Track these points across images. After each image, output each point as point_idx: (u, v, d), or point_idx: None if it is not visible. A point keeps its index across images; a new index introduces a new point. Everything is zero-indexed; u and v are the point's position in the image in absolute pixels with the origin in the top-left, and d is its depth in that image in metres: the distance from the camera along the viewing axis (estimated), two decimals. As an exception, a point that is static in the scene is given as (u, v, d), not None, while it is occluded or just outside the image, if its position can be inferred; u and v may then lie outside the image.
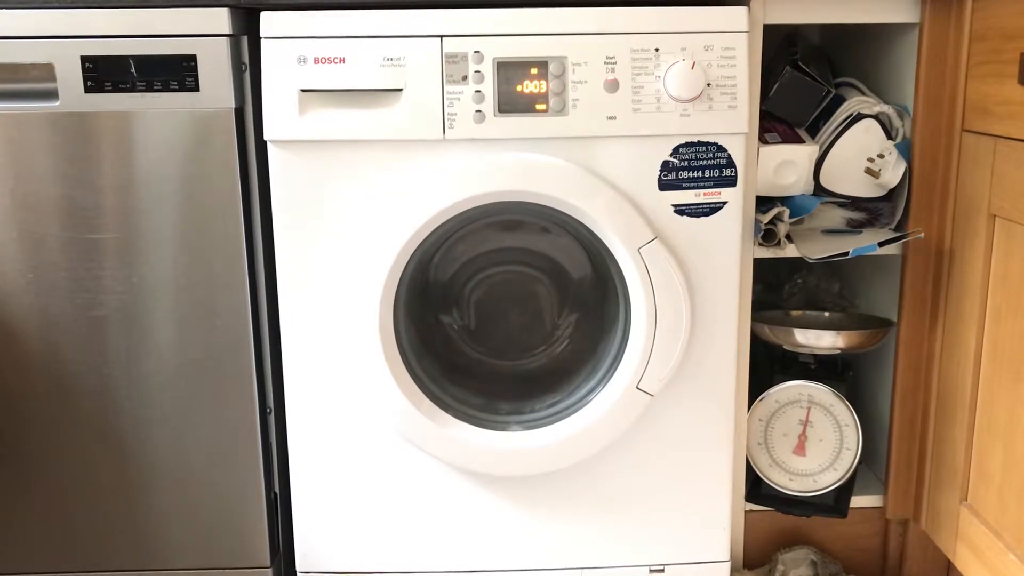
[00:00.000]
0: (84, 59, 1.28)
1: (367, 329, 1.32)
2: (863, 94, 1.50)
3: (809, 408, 1.49)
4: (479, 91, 1.28)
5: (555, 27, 1.28)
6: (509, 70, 1.28)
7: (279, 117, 1.28)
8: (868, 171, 1.45)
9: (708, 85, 1.29)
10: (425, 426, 1.36)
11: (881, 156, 1.44)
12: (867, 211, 1.50)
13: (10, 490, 1.42)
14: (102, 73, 1.28)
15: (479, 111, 1.28)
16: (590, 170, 1.31)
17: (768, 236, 1.43)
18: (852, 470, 1.49)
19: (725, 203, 1.34)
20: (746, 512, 1.55)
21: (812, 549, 1.55)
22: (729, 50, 1.29)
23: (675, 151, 1.32)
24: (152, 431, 1.40)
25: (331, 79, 1.27)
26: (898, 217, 1.47)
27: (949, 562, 1.55)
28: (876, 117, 1.45)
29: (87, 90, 1.29)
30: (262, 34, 1.27)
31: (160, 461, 1.41)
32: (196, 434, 1.40)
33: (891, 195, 1.48)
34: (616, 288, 1.38)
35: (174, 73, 1.29)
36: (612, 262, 1.34)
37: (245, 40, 1.32)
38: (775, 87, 1.45)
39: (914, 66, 1.41)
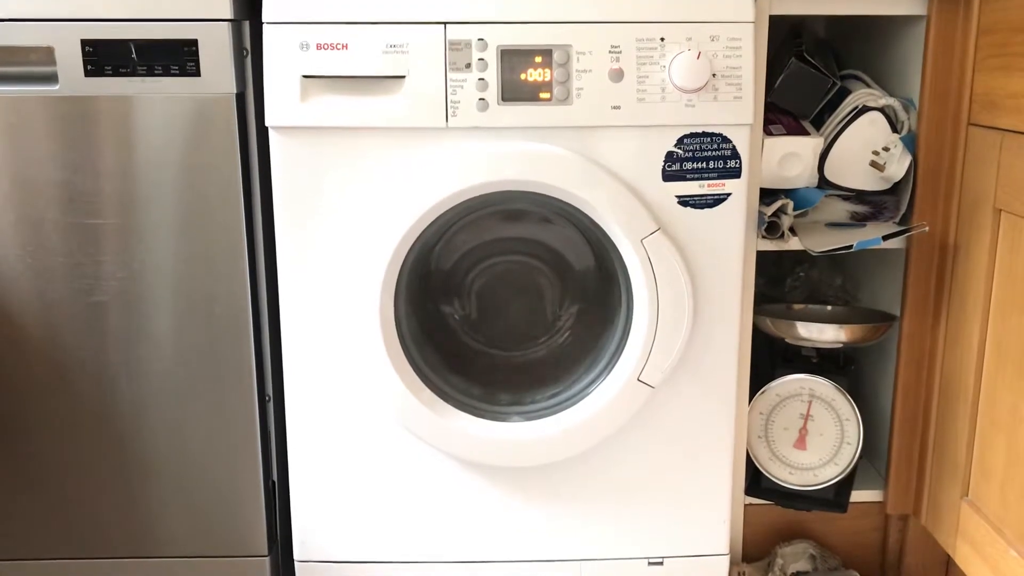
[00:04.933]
0: (84, 43, 1.27)
1: (367, 318, 1.31)
2: (869, 86, 1.49)
3: (810, 402, 1.49)
4: (482, 79, 1.27)
5: (560, 15, 1.27)
6: (513, 58, 1.27)
7: (280, 103, 1.27)
8: (873, 164, 1.44)
9: (713, 75, 1.28)
10: (425, 416, 1.35)
11: (886, 149, 1.43)
12: (871, 204, 1.49)
13: (7, 475, 1.41)
14: (102, 57, 1.27)
15: (482, 99, 1.27)
16: (593, 160, 1.30)
17: (772, 228, 1.42)
18: (853, 464, 1.48)
19: (729, 195, 1.33)
20: (746, 505, 1.54)
21: (812, 543, 1.55)
22: (735, 40, 1.28)
23: (679, 142, 1.31)
24: (150, 418, 1.40)
25: (333, 65, 1.26)
26: (902, 211, 1.46)
27: (949, 557, 1.55)
28: (882, 110, 1.44)
29: (87, 74, 1.28)
30: (264, 19, 1.26)
31: (158, 448, 1.41)
32: (194, 421, 1.40)
33: (896, 188, 1.47)
34: (618, 279, 1.37)
35: (175, 58, 1.28)
36: (615, 253, 1.34)
37: (247, 25, 1.31)
38: (780, 79, 1.45)
39: (921, 59, 1.40)
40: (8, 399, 1.39)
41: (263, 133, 1.33)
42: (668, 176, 1.32)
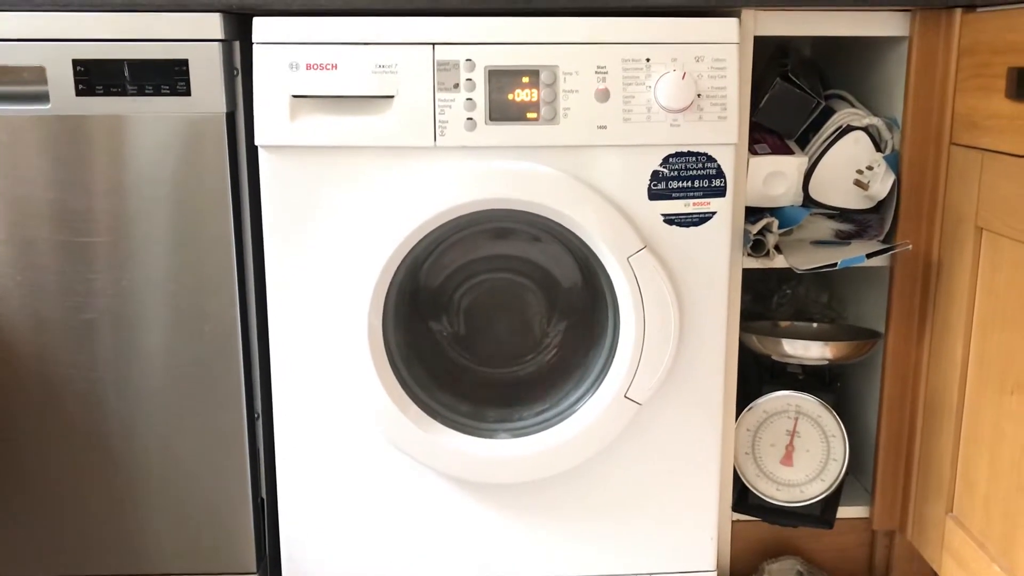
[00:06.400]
0: (75, 62, 1.28)
1: (356, 335, 1.32)
2: (853, 106, 1.51)
3: (796, 418, 1.50)
4: (470, 99, 1.28)
5: (547, 36, 1.28)
6: (501, 78, 1.28)
7: (270, 122, 1.29)
8: (857, 183, 1.46)
9: (698, 96, 1.29)
10: (413, 433, 1.36)
11: (870, 168, 1.45)
12: (856, 223, 1.51)
13: (-4, 493, 1.42)
14: (93, 77, 1.28)
15: (470, 119, 1.28)
16: (580, 179, 1.31)
17: (757, 246, 1.43)
18: (839, 481, 1.49)
19: (714, 213, 1.34)
20: (733, 522, 1.55)
21: (798, 559, 1.56)
22: (720, 61, 1.30)
23: (665, 161, 1.32)
24: (140, 435, 1.40)
25: (323, 85, 1.28)
26: (886, 229, 1.47)
27: (935, 573, 1.56)
28: (865, 129, 1.45)
29: (78, 93, 1.29)
30: (254, 39, 1.27)
31: (147, 465, 1.41)
32: (184, 438, 1.40)
33: (880, 207, 1.49)
34: (605, 297, 1.38)
35: (166, 77, 1.29)
36: (601, 271, 1.35)
37: (237, 45, 1.32)
38: (765, 98, 1.46)
39: (903, 79, 1.42)
40: (-3, 416, 1.39)
41: (253, 152, 1.34)
42: (654, 195, 1.33)
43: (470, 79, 1.28)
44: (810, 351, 1.48)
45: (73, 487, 1.41)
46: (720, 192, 1.34)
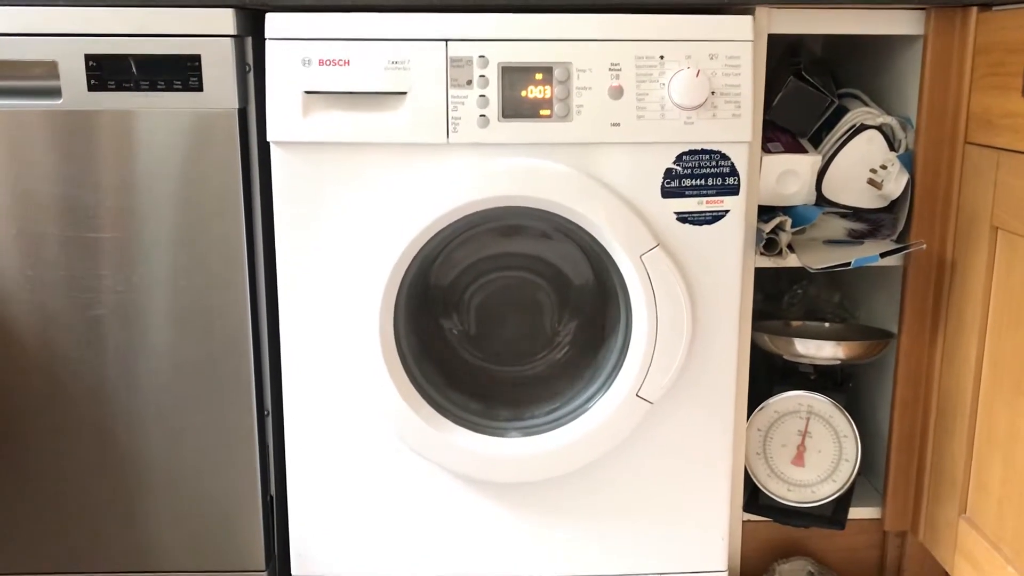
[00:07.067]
0: (88, 57, 1.27)
1: (367, 333, 1.31)
2: (866, 105, 1.50)
3: (808, 419, 1.49)
4: (483, 96, 1.28)
5: (560, 33, 1.28)
6: (514, 75, 1.28)
7: (282, 118, 1.28)
8: (870, 182, 1.45)
9: (712, 93, 1.29)
10: (424, 431, 1.35)
11: (884, 167, 1.44)
12: (869, 222, 1.50)
13: (4, 489, 1.41)
14: (106, 72, 1.28)
15: (483, 116, 1.28)
16: (593, 176, 1.31)
17: (770, 245, 1.43)
18: (850, 481, 1.48)
19: (727, 211, 1.34)
20: (744, 522, 1.54)
21: (809, 560, 1.55)
22: (734, 59, 1.29)
23: (678, 159, 1.32)
24: (148, 432, 1.40)
25: (335, 81, 1.27)
26: (900, 228, 1.47)
27: (946, 574, 1.55)
28: (879, 128, 1.45)
29: (90, 88, 1.28)
30: (267, 35, 1.27)
31: (156, 462, 1.41)
32: (193, 435, 1.40)
33: (893, 206, 1.48)
34: (617, 295, 1.38)
35: (178, 73, 1.28)
36: (614, 269, 1.34)
37: (249, 41, 1.32)
38: (779, 97, 1.45)
39: (918, 78, 1.41)
40: (6, 412, 1.39)
41: (264, 148, 1.34)
42: (667, 193, 1.32)
43: (483, 76, 1.27)
44: (822, 351, 1.47)
45: (81, 483, 1.41)
46: (733, 190, 1.33)
